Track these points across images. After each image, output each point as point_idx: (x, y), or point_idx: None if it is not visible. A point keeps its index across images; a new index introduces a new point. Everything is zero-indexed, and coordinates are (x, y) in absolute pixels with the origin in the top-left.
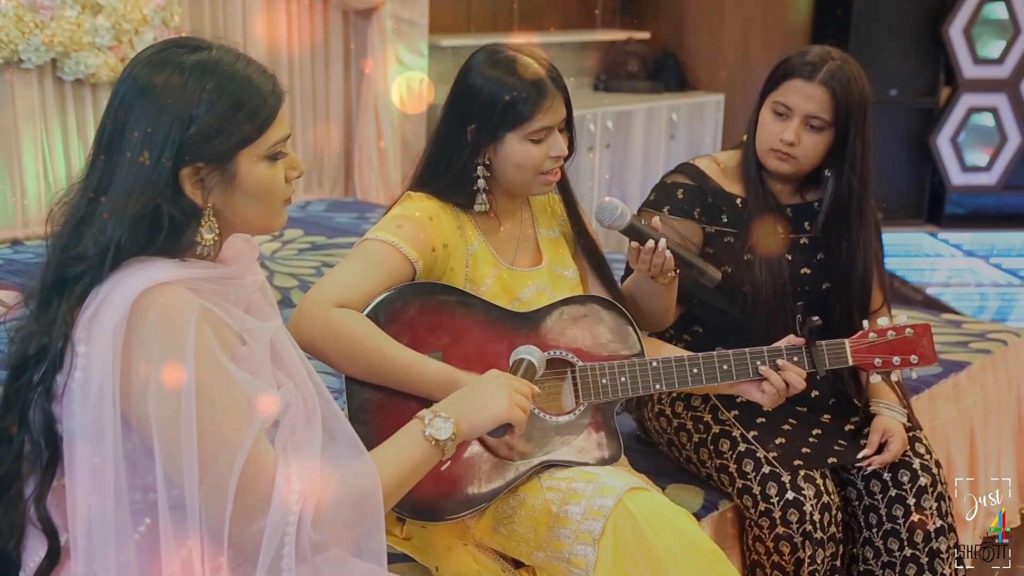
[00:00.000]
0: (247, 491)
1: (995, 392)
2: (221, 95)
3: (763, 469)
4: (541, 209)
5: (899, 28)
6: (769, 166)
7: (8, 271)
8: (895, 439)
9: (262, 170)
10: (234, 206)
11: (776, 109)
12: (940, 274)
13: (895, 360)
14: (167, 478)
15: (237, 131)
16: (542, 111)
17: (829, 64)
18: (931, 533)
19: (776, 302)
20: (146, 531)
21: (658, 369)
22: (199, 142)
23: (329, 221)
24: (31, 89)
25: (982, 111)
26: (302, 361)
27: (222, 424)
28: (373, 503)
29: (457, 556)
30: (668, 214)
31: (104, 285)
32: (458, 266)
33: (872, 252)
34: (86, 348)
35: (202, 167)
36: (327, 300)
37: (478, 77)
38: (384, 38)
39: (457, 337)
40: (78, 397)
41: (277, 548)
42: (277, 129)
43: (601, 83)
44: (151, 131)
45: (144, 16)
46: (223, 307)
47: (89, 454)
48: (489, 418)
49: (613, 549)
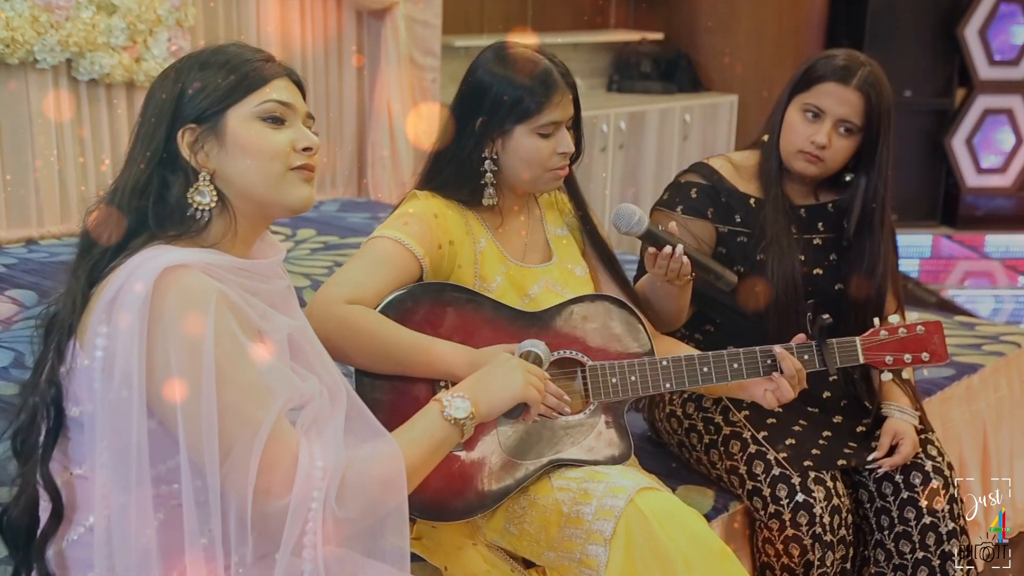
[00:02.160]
0: (269, 469)
1: (1008, 394)
2: (210, 62)
3: (773, 471)
4: (548, 207)
5: (914, 29)
6: (795, 168)
7: (23, 270)
8: (906, 441)
9: (254, 128)
10: (231, 169)
11: (807, 111)
12: (954, 276)
13: (906, 358)
14: (191, 464)
15: (223, 87)
16: (551, 105)
17: (863, 69)
18: (943, 535)
19: (788, 302)
20: (163, 521)
21: (668, 368)
22: (189, 103)
23: (342, 221)
24: (46, 89)
25: (997, 112)
26: (327, 356)
27: (243, 402)
28: (398, 481)
29: (467, 556)
30: (681, 213)
31: (124, 268)
32: (466, 263)
33: (890, 258)
34: (107, 329)
35: (195, 128)
36: (337, 298)
37: (486, 74)
38: (397, 38)
39: (467, 337)
40: (100, 379)
41: (301, 525)
42: (272, 90)
43: (614, 84)
44: (152, 111)
45: (159, 16)
46: (244, 298)
47: (110, 439)
48: (506, 397)
49: (625, 549)
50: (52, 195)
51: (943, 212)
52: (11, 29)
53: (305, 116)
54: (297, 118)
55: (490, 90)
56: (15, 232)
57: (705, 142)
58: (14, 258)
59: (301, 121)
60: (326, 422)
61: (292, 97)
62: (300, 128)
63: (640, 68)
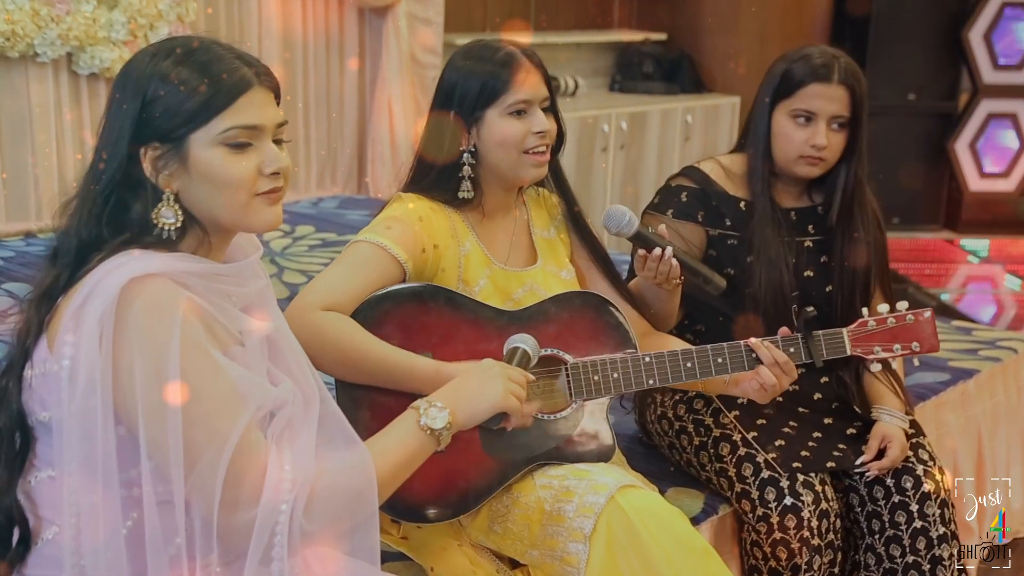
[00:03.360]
0: (236, 481)
1: (1004, 400)
2: (175, 73)
3: (762, 473)
4: (537, 207)
5: (918, 32)
6: (799, 173)
7: (20, 263)
8: (894, 445)
9: (216, 156)
10: (195, 193)
11: (797, 116)
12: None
13: (896, 348)
14: (155, 471)
15: (185, 110)
16: (516, 82)
17: (839, 62)
18: (933, 540)
19: (778, 305)
20: (133, 526)
21: (651, 364)
22: (150, 120)
23: (341, 218)
24: (46, 83)
25: (1001, 117)
26: (304, 359)
27: (210, 414)
28: (368, 493)
29: (452, 556)
30: (672, 217)
31: (92, 275)
32: (450, 267)
33: (874, 243)
34: (73, 337)
35: (158, 147)
36: (312, 304)
37: (452, 71)
38: (399, 36)
39: (447, 337)
40: (66, 387)
41: (269, 538)
42: (237, 115)
43: (616, 84)
44: (115, 115)
45: (159, 11)
46: (216, 304)
47: (77, 445)
48: (485, 407)
49: (605, 546)
50: (51, 189)
51: (946, 216)
52: (11, 23)
53: (275, 128)
54: (266, 136)
55: (457, 82)
56: (13, 225)
57: (706, 143)
58: (12, 251)
59: (271, 136)
60: (298, 429)
61: (260, 113)
62: (267, 148)
63: (642, 68)
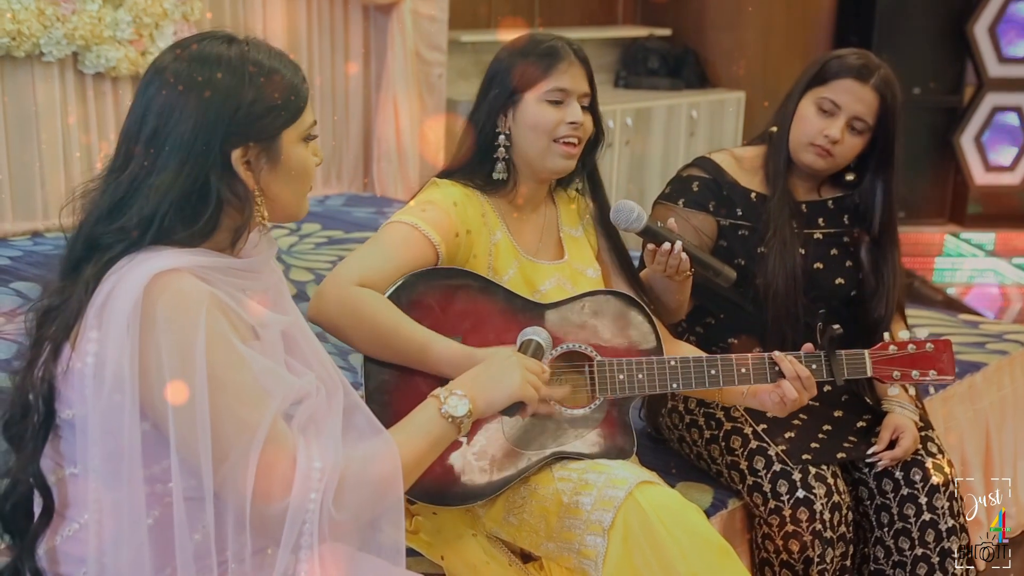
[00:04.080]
0: (267, 472)
1: (1012, 393)
2: (264, 80)
3: (774, 467)
4: (566, 205)
5: (923, 26)
6: (804, 160)
7: (28, 263)
8: (906, 436)
9: (302, 151)
10: (276, 188)
11: (822, 105)
12: (962, 274)
13: (914, 374)
14: (183, 464)
15: (281, 110)
16: (558, 71)
17: (880, 70)
18: (942, 532)
19: (788, 296)
20: (154, 523)
21: (676, 368)
22: (247, 123)
23: (347, 216)
24: (52, 82)
25: (1007, 110)
26: (322, 351)
27: (238, 406)
28: (394, 481)
29: (465, 546)
30: (683, 207)
31: (114, 272)
32: (481, 253)
33: (899, 258)
34: (98, 334)
35: (251, 147)
36: (348, 279)
37: (497, 61)
38: (404, 33)
39: (477, 323)
40: (91, 384)
41: (299, 527)
42: (310, 112)
43: (621, 80)
44: (200, 120)
45: (164, 10)
46: (236, 298)
47: (101, 441)
48: (503, 396)
49: (623, 541)
50: (57, 188)
51: (951, 210)
52: (17, 22)
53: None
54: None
55: (500, 68)
56: (20, 225)
57: (712, 139)
58: (19, 250)
59: None
60: (323, 419)
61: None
62: (315, 141)
63: (647, 64)
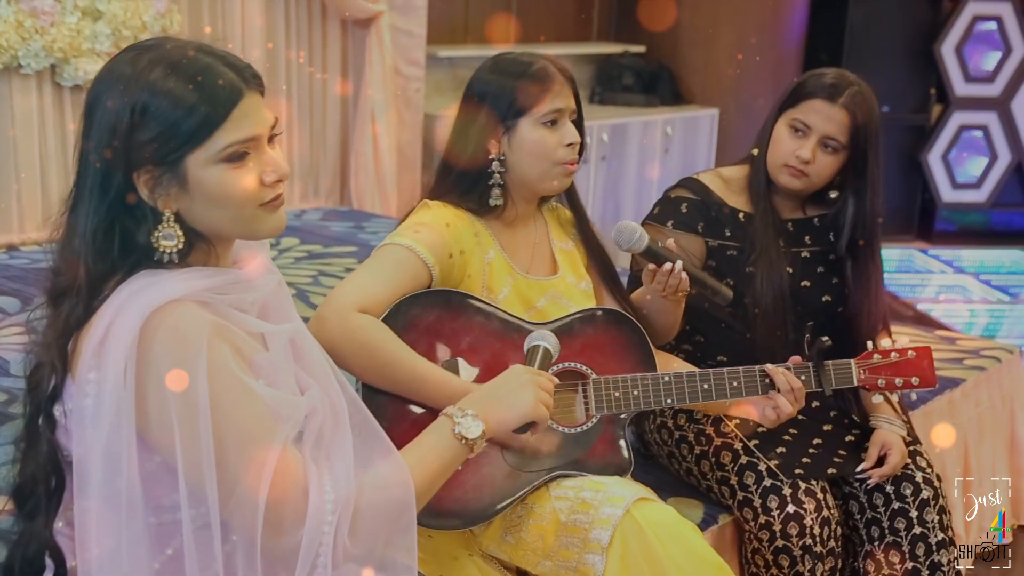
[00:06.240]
0: (278, 505)
1: (989, 409)
2: (162, 94)
3: (764, 482)
4: (555, 220)
5: (892, 45)
6: (780, 181)
7: (4, 276)
8: (894, 452)
9: (216, 175)
10: (198, 213)
11: (794, 126)
12: (930, 290)
13: (897, 381)
14: (192, 495)
15: (179, 133)
16: (552, 92)
17: (851, 88)
18: (932, 546)
19: (776, 314)
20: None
21: (670, 384)
22: (144, 145)
23: (325, 230)
24: (30, 95)
25: (973, 129)
26: (325, 359)
27: (245, 440)
28: (408, 506)
29: (462, 566)
30: (672, 228)
31: (108, 306)
32: (475, 273)
33: (882, 275)
34: (97, 375)
35: (152, 170)
36: (348, 305)
37: (482, 83)
38: (382, 48)
39: (474, 345)
40: (91, 424)
41: (313, 559)
42: (233, 129)
43: (596, 96)
44: (103, 138)
45: (144, 23)
46: (236, 317)
47: (102, 481)
48: (515, 416)
49: (621, 559)
50: (34, 201)
51: (919, 227)
52: None
53: (269, 130)
54: (262, 143)
55: (489, 90)
56: None
57: (686, 155)
58: None
59: (265, 141)
60: (331, 439)
61: (255, 122)
62: (265, 156)
63: (622, 80)
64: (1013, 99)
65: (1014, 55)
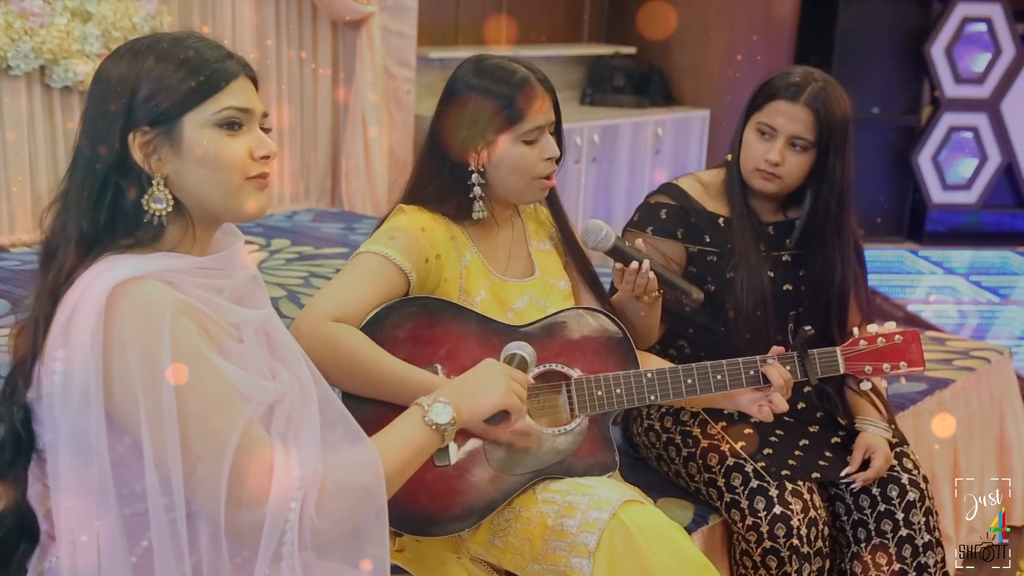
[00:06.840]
0: (241, 480)
1: (979, 409)
2: (165, 58)
3: (751, 483)
4: (531, 220)
5: (882, 47)
6: (754, 185)
7: None
8: (878, 455)
9: (210, 136)
10: (186, 177)
11: (760, 129)
12: (920, 291)
13: (885, 367)
14: (163, 482)
15: (179, 89)
16: (533, 111)
17: (812, 86)
18: (919, 548)
19: (758, 319)
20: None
21: (652, 380)
22: (143, 104)
23: (316, 231)
24: (19, 96)
25: (963, 130)
26: (297, 348)
27: (206, 415)
28: (377, 489)
29: (450, 570)
30: (652, 234)
31: (76, 286)
32: (452, 277)
33: (850, 270)
34: (64, 352)
35: (148, 131)
36: (324, 314)
37: (465, 87)
38: (373, 49)
39: (453, 350)
40: (59, 402)
41: (279, 536)
42: (230, 96)
43: (587, 97)
44: (101, 110)
45: (133, 24)
46: (207, 301)
47: (73, 469)
48: (488, 404)
49: (608, 562)
50: (24, 202)
51: (909, 228)
52: None
53: (261, 116)
54: (255, 122)
55: (470, 102)
56: None
57: (677, 156)
58: None
59: (257, 123)
60: (300, 422)
61: (250, 99)
62: (257, 133)
63: (613, 82)
64: (1003, 100)
65: (1004, 56)
